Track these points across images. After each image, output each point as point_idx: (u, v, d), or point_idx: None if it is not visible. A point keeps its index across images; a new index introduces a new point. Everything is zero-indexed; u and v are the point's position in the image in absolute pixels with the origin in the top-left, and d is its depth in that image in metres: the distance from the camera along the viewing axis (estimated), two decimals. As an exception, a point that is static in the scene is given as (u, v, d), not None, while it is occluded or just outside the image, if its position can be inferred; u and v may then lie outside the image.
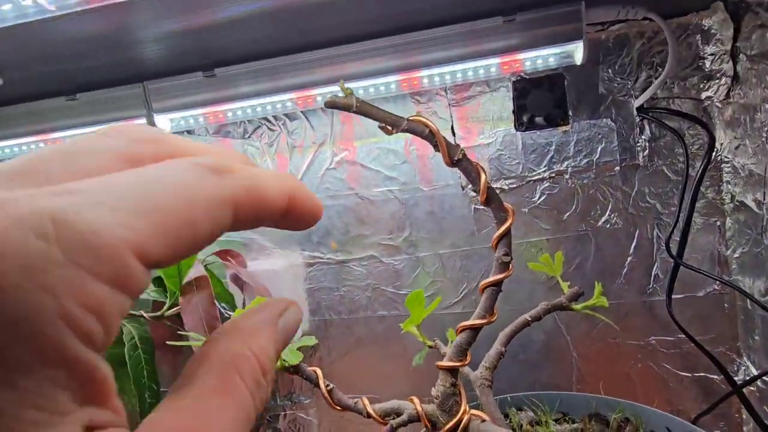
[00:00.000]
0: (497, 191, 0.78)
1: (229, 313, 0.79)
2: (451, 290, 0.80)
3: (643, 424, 0.57)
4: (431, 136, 0.38)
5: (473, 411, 0.46)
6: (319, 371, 0.53)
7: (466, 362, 0.45)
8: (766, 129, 0.64)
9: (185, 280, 0.70)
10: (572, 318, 0.78)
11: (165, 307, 0.70)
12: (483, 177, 0.39)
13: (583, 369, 0.78)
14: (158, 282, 0.73)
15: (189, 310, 0.67)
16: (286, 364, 0.52)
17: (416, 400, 0.47)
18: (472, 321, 0.44)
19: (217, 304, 0.68)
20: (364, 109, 0.35)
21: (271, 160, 0.83)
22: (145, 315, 0.68)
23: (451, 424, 0.45)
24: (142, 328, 0.68)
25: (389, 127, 0.36)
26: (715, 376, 0.75)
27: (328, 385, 0.51)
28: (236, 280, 0.77)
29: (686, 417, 0.75)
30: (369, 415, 0.48)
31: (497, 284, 0.43)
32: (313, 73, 0.64)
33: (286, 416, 0.86)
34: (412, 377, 0.78)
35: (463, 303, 0.81)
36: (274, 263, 0.80)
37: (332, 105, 0.34)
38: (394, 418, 0.47)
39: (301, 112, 0.81)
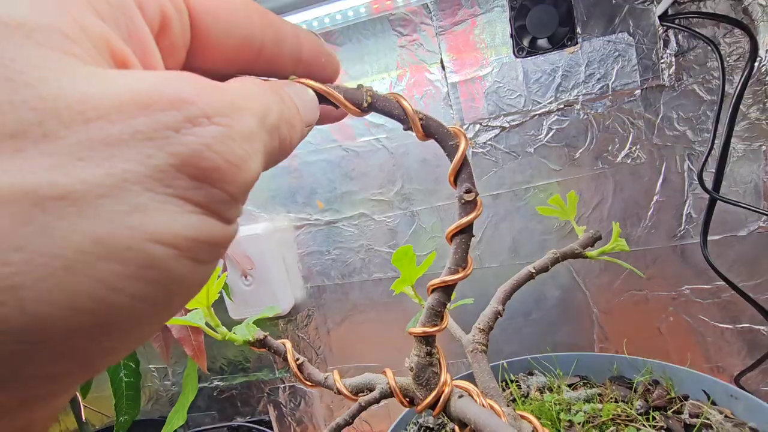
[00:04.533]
0: (498, 128, 0.68)
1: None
2: (452, 246, 0.72)
3: (674, 386, 0.48)
4: (322, 97, 0.26)
5: (457, 382, 0.39)
6: (288, 343, 0.46)
7: (442, 327, 0.37)
8: (824, 22, 0.51)
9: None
10: (591, 270, 0.69)
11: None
12: (406, 105, 0.29)
13: (605, 326, 0.70)
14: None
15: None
16: (250, 339, 0.45)
17: (389, 373, 0.40)
18: (443, 277, 0.36)
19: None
20: None
21: (246, 115, 0.75)
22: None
23: (428, 400, 0.37)
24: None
25: None
26: (762, 327, 0.65)
27: (297, 359, 0.45)
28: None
29: (728, 375, 0.65)
30: (339, 392, 0.42)
31: (466, 229, 0.35)
32: None
33: (286, 389, 0.81)
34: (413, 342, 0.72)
35: (466, 259, 0.72)
36: (257, 228, 0.73)
37: None
38: (366, 394, 0.40)
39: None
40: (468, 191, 0.34)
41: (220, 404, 0.84)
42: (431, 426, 0.51)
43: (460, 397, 0.36)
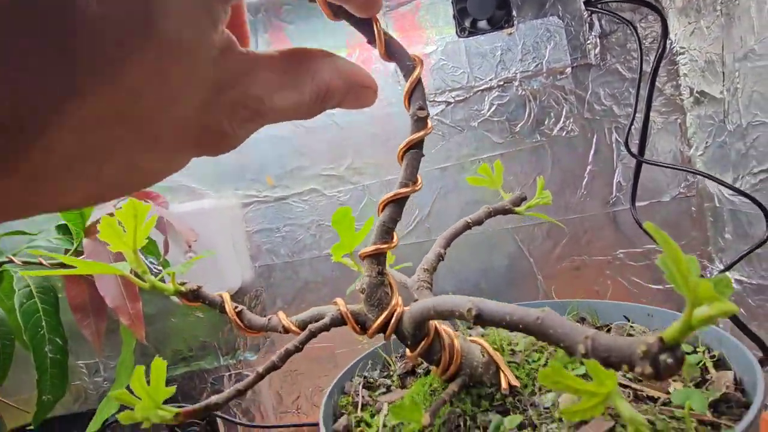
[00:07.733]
0: (444, 104, 0.71)
1: (150, 260, 0.69)
2: (402, 219, 0.73)
3: (599, 318, 0.51)
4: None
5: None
6: (225, 294, 0.44)
7: (393, 244, 0.38)
8: (720, 1, 0.58)
9: (89, 222, 0.61)
10: (534, 238, 0.72)
11: (69, 253, 0.61)
12: (375, 25, 0.31)
13: (549, 291, 0.72)
14: (63, 229, 0.64)
15: (94, 253, 0.58)
16: (182, 289, 0.42)
17: (340, 301, 0.39)
18: (395, 191, 0.36)
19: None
20: None
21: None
22: (44, 261, 0.59)
23: (380, 319, 0.37)
24: (41, 277, 0.59)
25: None
26: (688, 287, 0.70)
27: (236, 307, 0.43)
28: (157, 223, 0.68)
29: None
30: (287, 330, 0.41)
31: (417, 145, 0.36)
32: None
33: (231, 377, 0.77)
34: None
35: (416, 233, 0.74)
36: (202, 203, 0.71)
37: None
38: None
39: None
40: (420, 108, 0.36)
41: (158, 400, 0.78)
42: (375, 378, 0.50)
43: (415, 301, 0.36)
